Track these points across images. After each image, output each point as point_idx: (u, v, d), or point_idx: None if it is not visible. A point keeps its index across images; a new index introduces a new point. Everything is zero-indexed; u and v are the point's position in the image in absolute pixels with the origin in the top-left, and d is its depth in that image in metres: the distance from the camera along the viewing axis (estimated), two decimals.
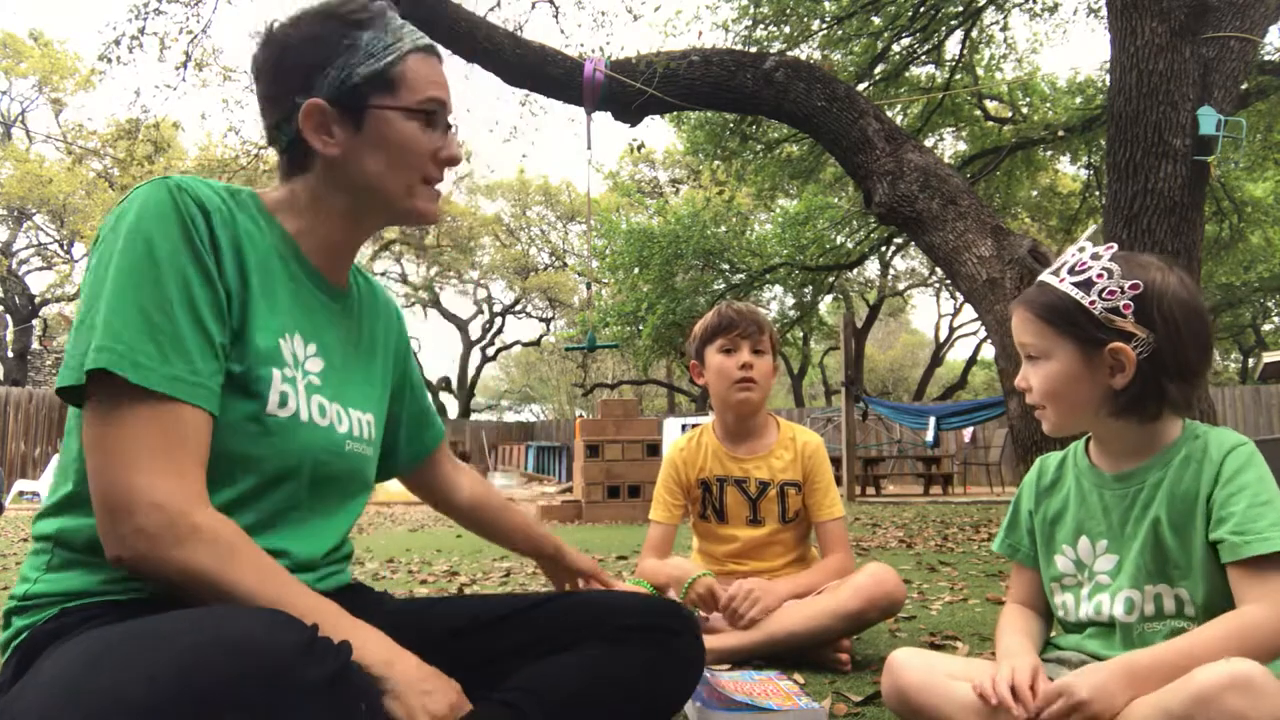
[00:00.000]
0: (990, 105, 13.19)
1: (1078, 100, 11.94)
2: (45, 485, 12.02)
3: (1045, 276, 1.26)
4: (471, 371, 28.79)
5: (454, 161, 1.16)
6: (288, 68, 1.10)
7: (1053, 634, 1.38)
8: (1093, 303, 1.19)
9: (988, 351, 22.98)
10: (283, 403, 1.03)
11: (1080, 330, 1.19)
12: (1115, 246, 1.22)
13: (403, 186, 1.12)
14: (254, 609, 0.85)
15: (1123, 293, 1.17)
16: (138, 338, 0.90)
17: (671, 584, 2.07)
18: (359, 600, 1.17)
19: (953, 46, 10.93)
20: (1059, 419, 1.26)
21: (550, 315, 29.92)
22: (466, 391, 28.01)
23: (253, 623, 0.78)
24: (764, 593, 1.96)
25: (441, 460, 1.45)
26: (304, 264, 1.12)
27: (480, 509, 1.48)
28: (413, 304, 27.76)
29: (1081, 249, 1.23)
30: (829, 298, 20.51)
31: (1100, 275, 1.19)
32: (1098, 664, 1.14)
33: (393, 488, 9.20)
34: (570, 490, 12.10)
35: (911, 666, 1.26)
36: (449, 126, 1.15)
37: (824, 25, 9.63)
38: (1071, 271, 1.22)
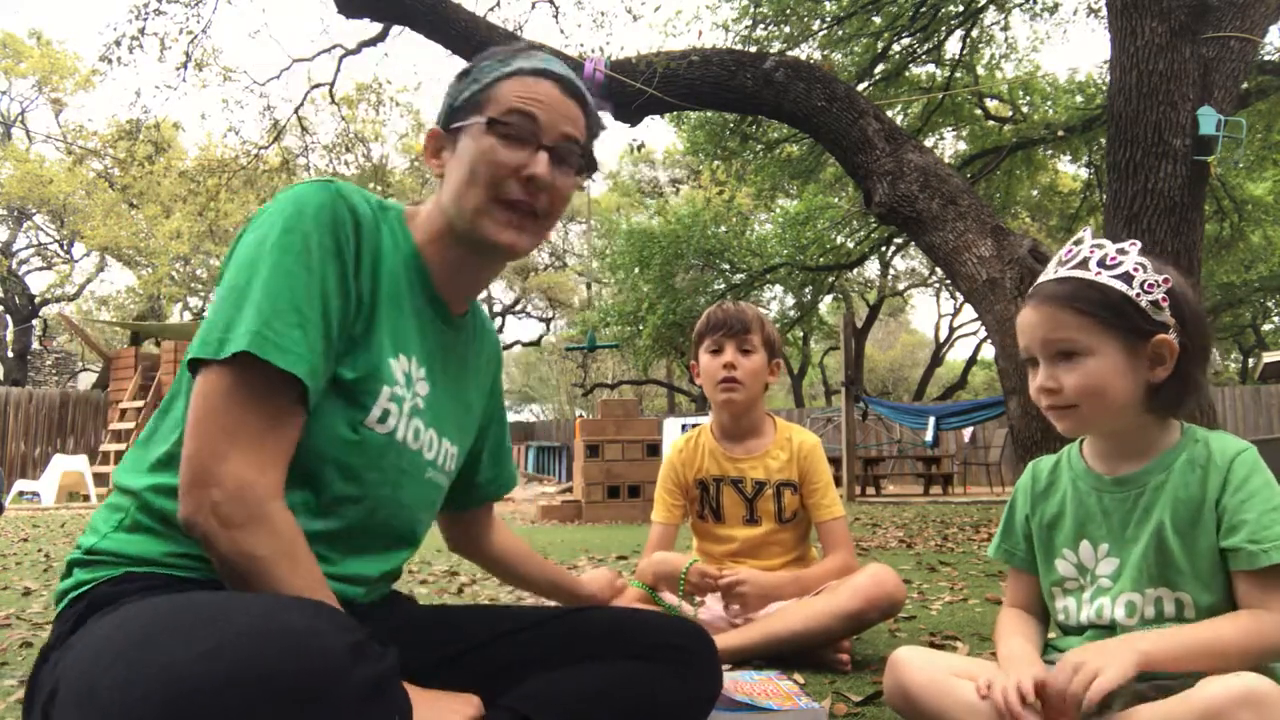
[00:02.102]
0: (990, 105, 13.19)
1: (1078, 100, 11.94)
2: (45, 485, 11.94)
3: (1072, 271, 1.21)
4: None
5: (535, 181, 1.07)
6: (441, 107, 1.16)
7: (1051, 636, 1.38)
8: (1138, 295, 1.17)
9: (988, 351, 22.98)
10: (383, 419, 1.05)
11: (1128, 322, 1.17)
12: (1139, 243, 1.22)
13: (472, 206, 1.08)
14: (314, 602, 0.84)
15: (1159, 286, 1.18)
16: (287, 325, 0.93)
17: (660, 581, 2.09)
18: (395, 611, 1.21)
19: (953, 46, 10.95)
20: (1091, 417, 1.21)
21: (550, 315, 29.92)
22: None
23: (314, 619, 0.77)
24: (751, 579, 2.00)
25: (492, 511, 1.47)
26: (427, 286, 1.13)
27: (510, 557, 1.47)
28: None
29: (1101, 244, 1.22)
30: (829, 298, 20.51)
31: (1136, 269, 1.18)
32: (1104, 641, 1.14)
33: None
34: (570, 490, 12.09)
35: (915, 665, 1.25)
36: (542, 146, 1.08)
37: (824, 25, 9.63)
38: (1103, 265, 1.20)
